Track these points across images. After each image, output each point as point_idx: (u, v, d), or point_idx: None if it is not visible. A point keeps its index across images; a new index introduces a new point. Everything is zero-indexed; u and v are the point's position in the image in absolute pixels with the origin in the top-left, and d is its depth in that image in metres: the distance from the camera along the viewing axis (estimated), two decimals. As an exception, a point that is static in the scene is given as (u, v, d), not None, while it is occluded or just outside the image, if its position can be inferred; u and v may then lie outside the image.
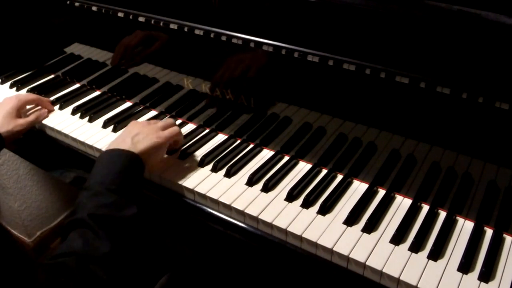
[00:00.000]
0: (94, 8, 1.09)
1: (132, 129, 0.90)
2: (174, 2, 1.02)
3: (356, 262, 0.75)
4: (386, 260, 0.75)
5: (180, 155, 0.98)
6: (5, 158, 1.56)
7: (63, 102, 1.17)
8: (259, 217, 0.83)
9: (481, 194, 0.81)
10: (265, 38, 0.88)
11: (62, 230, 0.74)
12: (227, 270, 1.10)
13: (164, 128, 0.93)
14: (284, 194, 0.88)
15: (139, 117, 1.12)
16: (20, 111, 1.08)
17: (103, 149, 1.00)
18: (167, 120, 0.99)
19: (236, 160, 0.96)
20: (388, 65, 0.78)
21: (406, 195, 0.88)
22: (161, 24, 1.00)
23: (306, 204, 0.85)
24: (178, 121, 1.10)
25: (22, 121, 1.06)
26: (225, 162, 0.96)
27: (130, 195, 0.78)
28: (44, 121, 1.11)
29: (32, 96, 1.13)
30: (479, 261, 0.75)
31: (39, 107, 1.13)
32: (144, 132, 0.88)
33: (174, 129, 0.94)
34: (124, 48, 1.12)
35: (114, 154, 0.83)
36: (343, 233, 0.80)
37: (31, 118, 1.08)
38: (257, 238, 0.84)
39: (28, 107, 1.13)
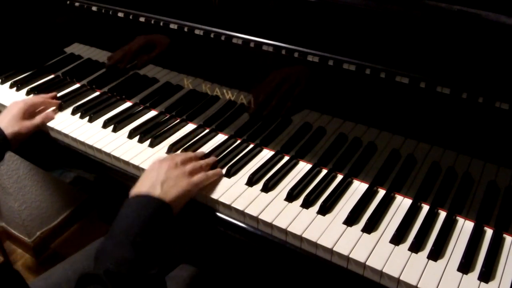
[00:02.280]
0: (94, 8, 1.09)
1: (160, 173, 0.83)
2: (174, 2, 1.02)
3: (356, 262, 0.75)
4: (386, 260, 0.75)
5: (180, 155, 0.98)
6: (5, 158, 1.56)
7: (63, 102, 1.17)
8: (259, 217, 0.83)
9: (481, 194, 0.81)
10: (265, 38, 0.88)
11: (77, 282, 0.70)
12: (227, 269, 1.09)
13: (192, 172, 0.87)
14: (284, 194, 0.88)
15: (139, 117, 1.12)
16: (27, 114, 1.08)
17: (103, 149, 1.01)
18: (195, 164, 0.90)
19: (236, 160, 0.96)
20: (388, 65, 0.78)
21: (406, 195, 0.88)
22: (161, 24, 1.00)
23: (306, 204, 0.85)
24: (178, 121, 1.10)
25: (28, 123, 1.06)
26: (225, 162, 0.96)
27: (154, 250, 0.74)
28: (44, 121, 1.11)
29: (39, 98, 1.13)
30: (479, 261, 0.75)
31: (45, 108, 1.13)
32: (173, 178, 0.83)
33: (202, 177, 0.88)
34: (123, 54, 1.12)
35: (144, 200, 0.78)
36: (343, 233, 0.80)
37: (37, 120, 1.09)
38: (257, 238, 0.84)
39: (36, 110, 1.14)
